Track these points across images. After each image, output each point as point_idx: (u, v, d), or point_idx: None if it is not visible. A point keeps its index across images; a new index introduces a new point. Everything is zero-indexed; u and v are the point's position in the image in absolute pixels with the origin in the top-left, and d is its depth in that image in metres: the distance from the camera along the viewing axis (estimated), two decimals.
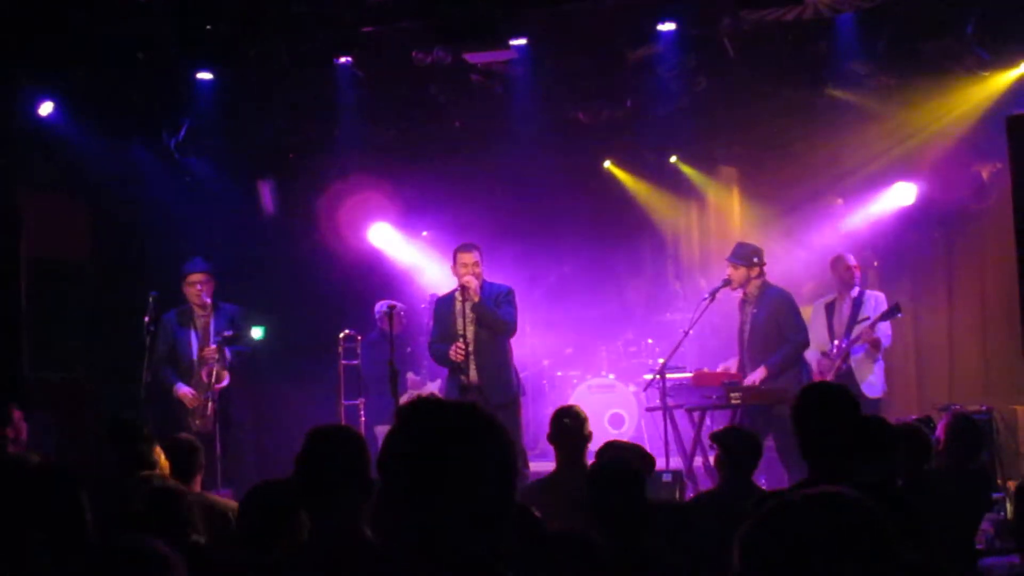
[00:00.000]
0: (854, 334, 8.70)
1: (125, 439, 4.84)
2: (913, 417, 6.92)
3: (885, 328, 8.73)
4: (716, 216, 11.88)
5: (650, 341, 11.05)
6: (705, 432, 8.34)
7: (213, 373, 8.29)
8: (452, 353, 7.74)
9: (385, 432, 2.05)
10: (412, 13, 8.53)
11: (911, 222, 10.43)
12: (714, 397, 8.05)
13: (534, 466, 8.11)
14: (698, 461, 8.25)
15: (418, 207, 11.34)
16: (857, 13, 8.38)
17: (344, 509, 3.28)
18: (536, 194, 11.14)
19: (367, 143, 10.53)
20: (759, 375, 8.08)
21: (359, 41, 8.95)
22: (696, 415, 8.29)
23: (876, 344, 8.65)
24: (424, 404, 2.07)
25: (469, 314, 7.81)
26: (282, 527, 3.78)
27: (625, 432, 10.21)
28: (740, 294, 8.44)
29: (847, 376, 8.51)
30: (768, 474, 8.80)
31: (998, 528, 6.63)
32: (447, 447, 1.95)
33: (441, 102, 9.93)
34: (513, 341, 8.02)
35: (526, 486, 5.74)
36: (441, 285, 9.23)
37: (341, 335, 9.75)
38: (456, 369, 7.82)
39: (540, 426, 9.02)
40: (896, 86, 9.30)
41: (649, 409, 9.07)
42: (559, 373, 11.23)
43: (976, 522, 5.65)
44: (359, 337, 9.83)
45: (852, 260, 9.05)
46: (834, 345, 8.78)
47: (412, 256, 11.57)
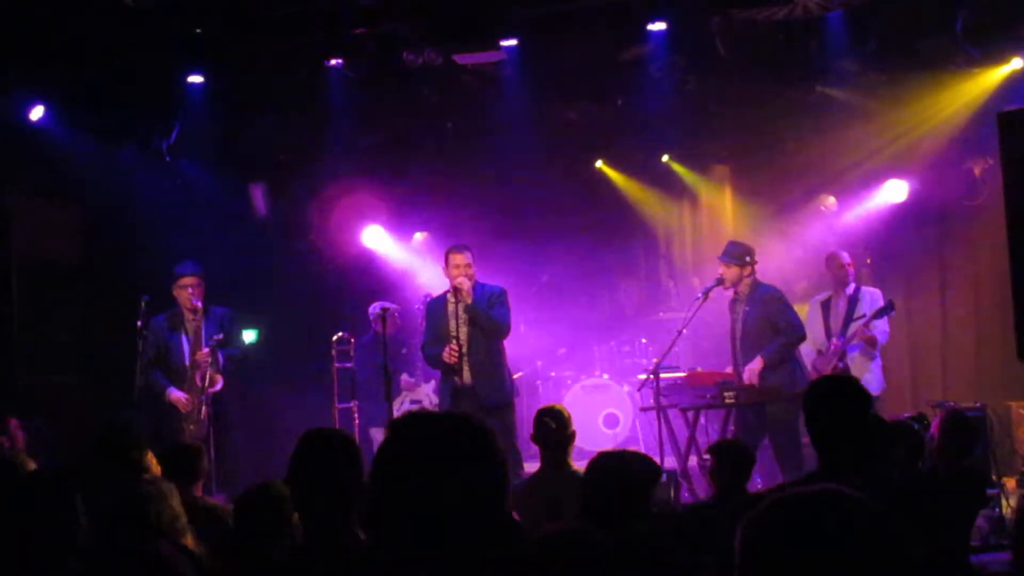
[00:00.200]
0: (849, 332, 8.69)
1: (116, 447, 4.83)
2: (906, 414, 6.92)
3: (882, 325, 8.72)
4: (708, 215, 11.88)
5: (644, 341, 11.04)
6: (699, 432, 8.36)
7: (206, 377, 8.27)
8: (446, 355, 7.69)
9: (380, 435, 2.07)
10: (402, 15, 8.53)
11: (903, 219, 10.45)
12: (708, 396, 8.05)
13: (529, 467, 8.08)
14: (692, 461, 8.25)
15: (410, 208, 11.34)
16: (847, 11, 8.39)
17: (337, 512, 3.28)
18: (528, 194, 11.13)
19: (358, 145, 10.53)
20: (756, 364, 8.06)
21: (350, 43, 8.95)
22: (690, 414, 8.28)
23: (872, 342, 8.65)
24: (415, 418, 2.08)
25: (462, 315, 7.77)
26: (276, 530, 3.78)
27: (619, 432, 10.21)
28: (731, 293, 8.44)
29: (844, 374, 8.50)
30: (764, 474, 8.80)
31: (993, 524, 6.65)
32: (439, 461, 1.97)
33: (432, 103, 9.93)
34: (506, 342, 7.99)
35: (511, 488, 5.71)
36: (437, 286, 9.22)
37: (334, 338, 9.75)
38: (449, 371, 7.76)
39: None
40: (887, 83, 9.33)
41: (643, 409, 9.05)
42: (553, 373, 11.21)
43: (971, 519, 5.65)
44: (352, 340, 9.83)
45: (846, 257, 9.05)
46: (830, 343, 8.78)
47: (406, 257, 11.56)
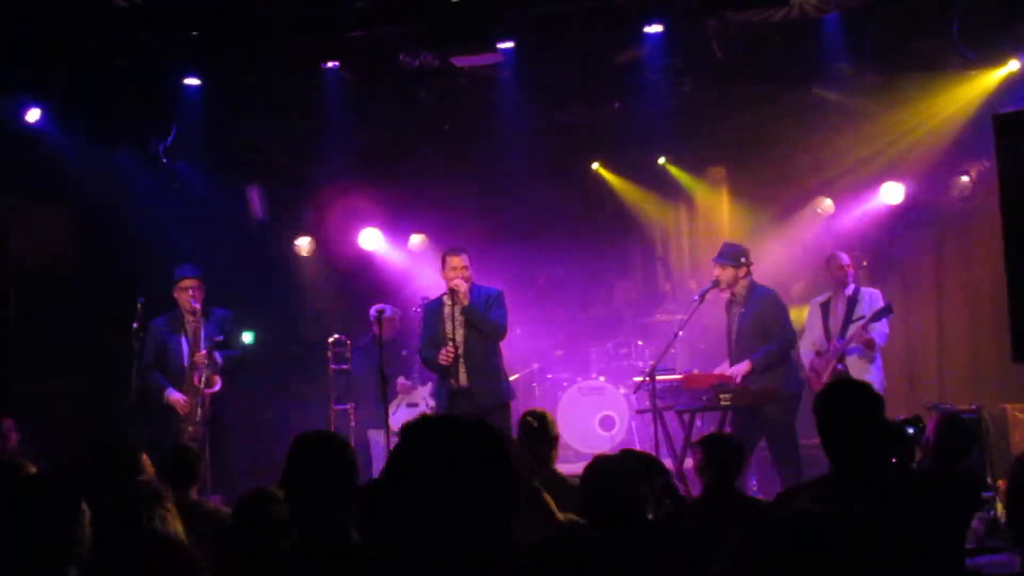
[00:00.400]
0: (848, 334, 8.69)
1: (110, 450, 4.82)
2: (902, 416, 6.92)
3: (881, 327, 8.71)
4: (705, 217, 11.86)
5: (640, 343, 11.03)
6: (696, 434, 8.35)
7: (204, 378, 8.28)
8: (442, 357, 7.71)
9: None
10: (399, 17, 8.53)
11: (900, 222, 10.46)
12: (704, 399, 8.05)
13: None
14: (688, 463, 8.24)
15: (407, 210, 11.33)
16: (843, 13, 8.40)
17: (331, 514, 3.28)
18: (525, 197, 11.12)
19: (355, 147, 10.52)
20: (743, 368, 8.08)
21: (346, 46, 8.95)
22: (686, 417, 8.28)
23: (870, 344, 8.64)
24: (429, 422, 2.07)
25: (459, 318, 7.78)
26: (273, 532, 3.78)
27: (616, 434, 10.20)
28: (728, 295, 8.44)
29: (843, 376, 8.50)
30: (759, 476, 8.81)
31: (988, 527, 6.65)
32: (454, 468, 1.96)
33: (429, 106, 9.92)
34: (503, 344, 8.00)
35: None
36: (434, 289, 9.22)
37: (331, 339, 9.75)
38: (446, 373, 7.78)
39: None
40: (883, 85, 9.34)
41: (639, 411, 9.05)
42: (549, 376, 11.19)
43: (966, 521, 5.65)
44: (348, 342, 9.82)
45: (845, 258, 9.06)
46: (829, 345, 8.79)
47: (403, 260, 11.55)
